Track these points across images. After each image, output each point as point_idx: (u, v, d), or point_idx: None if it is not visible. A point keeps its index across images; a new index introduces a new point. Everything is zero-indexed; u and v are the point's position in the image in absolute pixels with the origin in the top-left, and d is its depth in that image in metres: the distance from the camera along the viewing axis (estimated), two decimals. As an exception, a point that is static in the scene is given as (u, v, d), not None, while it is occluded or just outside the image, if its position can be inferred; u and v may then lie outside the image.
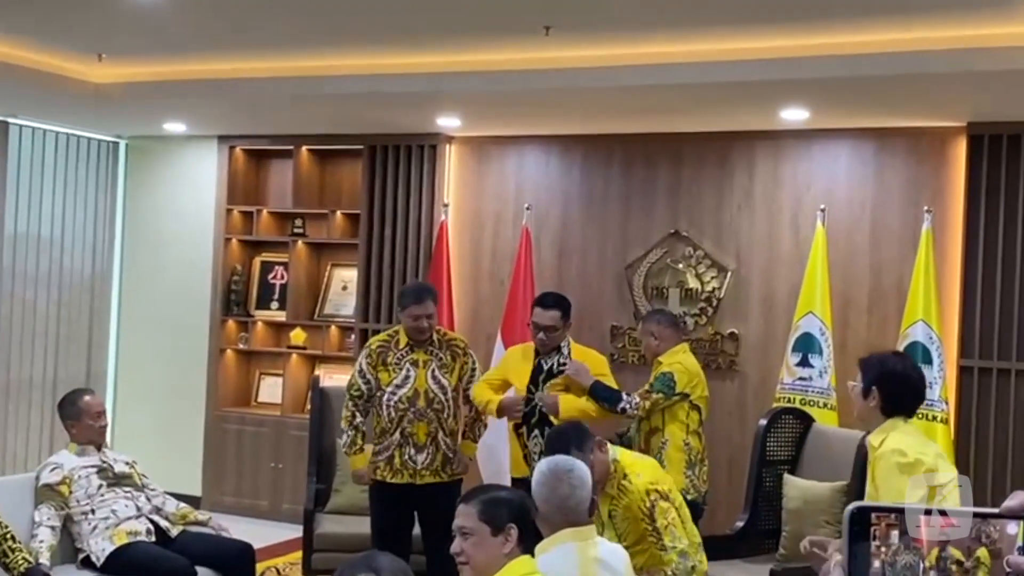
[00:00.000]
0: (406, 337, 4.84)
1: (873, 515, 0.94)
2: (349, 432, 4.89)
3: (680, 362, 4.83)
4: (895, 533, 0.92)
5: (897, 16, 4.52)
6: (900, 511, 0.94)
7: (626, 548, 3.57)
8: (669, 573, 3.72)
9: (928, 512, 0.93)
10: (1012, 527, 0.94)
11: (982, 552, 0.97)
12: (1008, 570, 0.94)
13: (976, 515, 0.93)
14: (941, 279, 5.68)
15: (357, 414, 4.88)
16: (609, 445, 3.93)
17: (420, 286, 5.29)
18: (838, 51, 4.83)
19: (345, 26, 5.03)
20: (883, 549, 0.93)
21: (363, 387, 4.86)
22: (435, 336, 4.88)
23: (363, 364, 4.87)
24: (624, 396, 4.74)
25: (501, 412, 4.86)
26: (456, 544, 2.81)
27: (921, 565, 0.95)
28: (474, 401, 4.91)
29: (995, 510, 0.94)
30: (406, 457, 4.78)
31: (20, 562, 4.14)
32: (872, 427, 3.40)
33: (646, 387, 4.79)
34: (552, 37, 4.88)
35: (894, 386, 3.36)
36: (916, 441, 3.32)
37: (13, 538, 4.20)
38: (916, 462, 3.18)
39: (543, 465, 3.18)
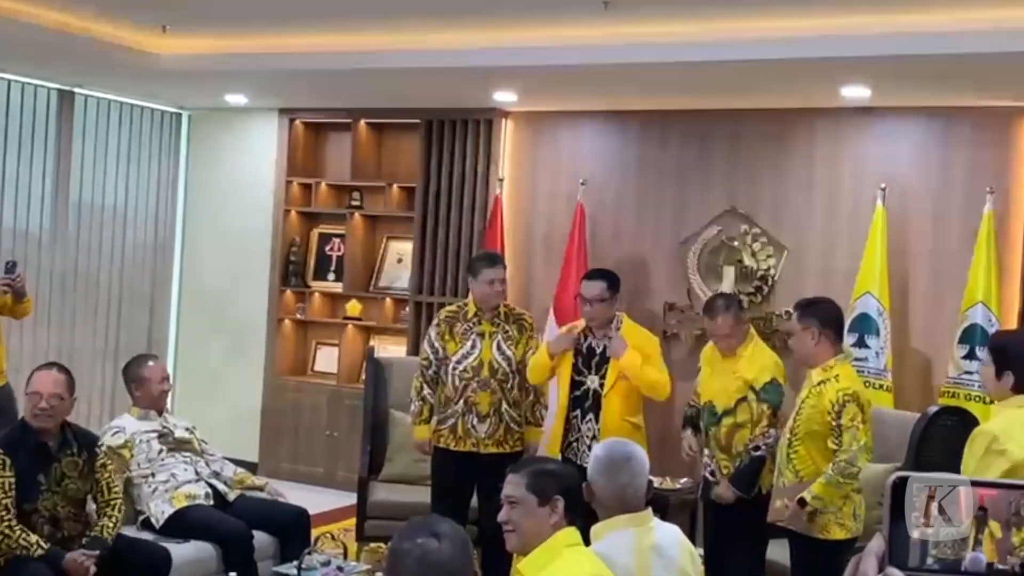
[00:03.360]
0: (475, 308, 4.95)
1: (915, 487, 0.95)
2: (417, 402, 5.03)
3: (774, 362, 4.66)
4: (935, 505, 0.94)
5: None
6: (942, 483, 0.95)
7: (793, 438, 4.10)
8: (831, 468, 3.96)
9: (970, 484, 0.94)
10: None
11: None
12: None
13: (1016, 488, 0.94)
14: (1002, 261, 5.60)
15: (425, 385, 5.00)
16: (847, 347, 4.19)
17: (492, 252, 5.47)
18: (901, 29, 4.76)
19: (405, 1, 5.05)
20: (923, 520, 0.94)
21: (431, 357, 4.98)
22: (502, 309, 4.98)
23: (432, 335, 5.01)
24: (755, 451, 4.56)
25: (552, 351, 4.90)
26: (504, 512, 2.85)
27: (964, 538, 0.96)
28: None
29: None
30: (469, 426, 4.89)
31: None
32: (1000, 401, 3.42)
33: (764, 409, 4.55)
34: (610, 12, 4.86)
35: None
36: (1020, 427, 3.26)
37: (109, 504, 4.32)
38: (1002, 452, 3.16)
39: (599, 451, 3.17)
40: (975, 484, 0.93)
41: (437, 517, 2.36)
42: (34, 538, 4.01)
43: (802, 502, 4.01)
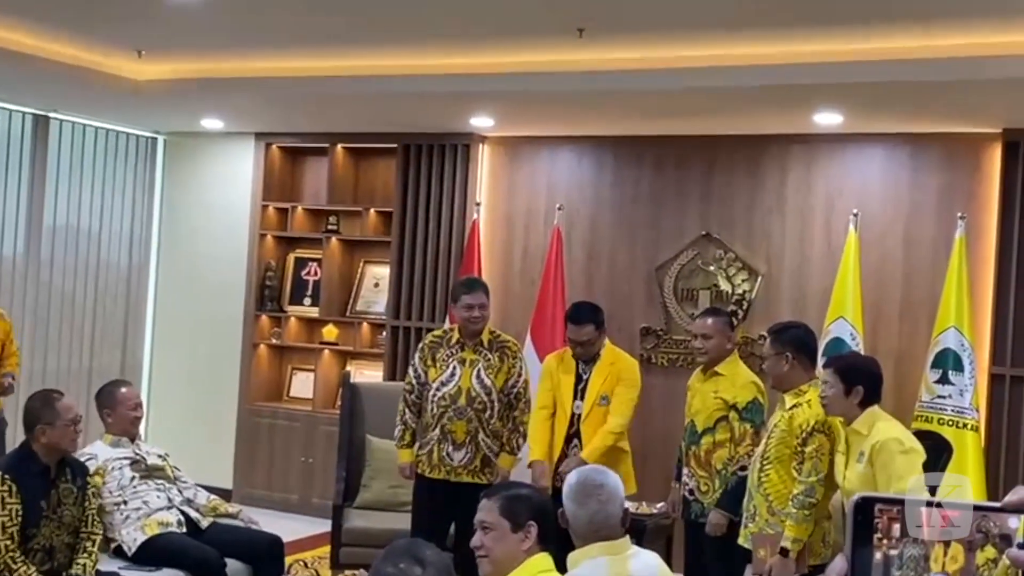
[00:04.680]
0: (459, 334, 4.93)
1: (876, 507, 0.96)
2: (399, 426, 5.03)
3: (753, 381, 4.70)
4: (896, 526, 0.94)
5: (932, 21, 4.50)
6: (903, 503, 0.96)
7: (764, 462, 4.16)
8: (792, 504, 4.01)
9: (929, 505, 0.95)
10: (1013, 521, 0.96)
11: (989, 551, 0.98)
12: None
13: (977, 509, 0.95)
14: (974, 286, 5.64)
15: (407, 410, 5.01)
16: (821, 372, 4.27)
17: (472, 278, 5.43)
18: (872, 56, 4.81)
19: (381, 26, 5.08)
20: (885, 541, 0.95)
21: (414, 382, 4.99)
22: (486, 336, 4.94)
23: (416, 360, 5.02)
24: (740, 472, 4.52)
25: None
26: (477, 538, 2.84)
27: (927, 559, 0.97)
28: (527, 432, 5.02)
29: (996, 504, 0.96)
30: (444, 454, 4.86)
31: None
32: (848, 417, 3.95)
33: (747, 428, 4.57)
34: (585, 39, 4.90)
35: (871, 382, 3.96)
36: (903, 429, 4.00)
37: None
38: (911, 450, 3.83)
39: (572, 478, 3.15)
40: (934, 505, 0.93)
41: (421, 542, 2.33)
42: (33, 571, 4.00)
43: (784, 551, 4.01)
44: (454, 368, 4.88)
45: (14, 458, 4.18)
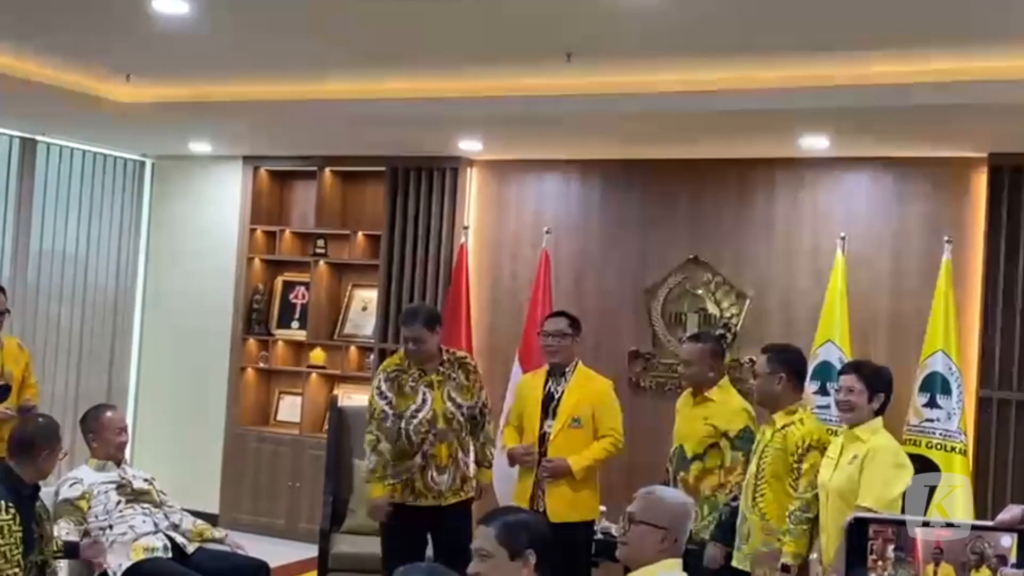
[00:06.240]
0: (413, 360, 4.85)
1: (871, 529, 0.95)
2: (372, 457, 4.75)
3: (744, 409, 4.70)
4: (891, 548, 0.94)
5: (918, 47, 4.53)
6: (899, 523, 0.96)
7: (759, 482, 4.19)
8: (789, 520, 4.08)
9: (925, 524, 0.95)
10: (1006, 540, 0.95)
11: (984, 572, 0.98)
12: None
13: (972, 528, 0.95)
14: (961, 310, 5.67)
15: (381, 438, 4.73)
16: (807, 397, 4.34)
17: (411, 308, 5.22)
18: (859, 81, 4.84)
19: (370, 50, 5.09)
20: (880, 563, 0.94)
21: (385, 408, 4.74)
22: (445, 355, 4.88)
23: (382, 386, 4.78)
24: (734, 502, 4.47)
25: (512, 460, 5.00)
26: (473, 566, 2.76)
27: None
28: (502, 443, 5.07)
29: (989, 523, 0.95)
30: (429, 480, 4.75)
31: None
32: (857, 421, 4.03)
33: (739, 456, 4.54)
34: (573, 63, 4.92)
35: (889, 393, 4.08)
36: (900, 447, 4.12)
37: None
38: (904, 466, 3.93)
39: (684, 495, 3.13)
40: (933, 525, 0.93)
41: (442, 567, 2.31)
42: None
43: (785, 568, 4.05)
44: (424, 394, 4.76)
45: (6, 484, 4.02)
